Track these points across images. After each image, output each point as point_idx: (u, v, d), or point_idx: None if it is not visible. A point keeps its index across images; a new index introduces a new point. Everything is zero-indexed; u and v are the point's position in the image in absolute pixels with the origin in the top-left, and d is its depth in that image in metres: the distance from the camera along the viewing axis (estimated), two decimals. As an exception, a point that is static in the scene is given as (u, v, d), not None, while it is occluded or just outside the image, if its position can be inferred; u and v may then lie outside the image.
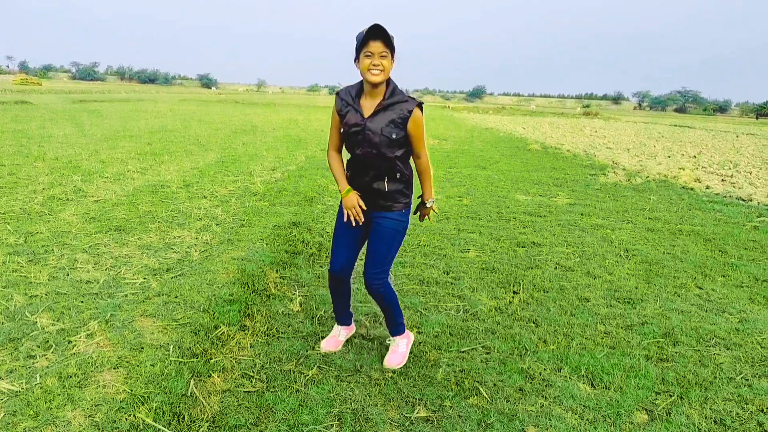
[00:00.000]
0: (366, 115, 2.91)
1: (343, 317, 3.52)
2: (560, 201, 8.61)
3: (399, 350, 3.39)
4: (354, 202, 3.04)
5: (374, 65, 2.78)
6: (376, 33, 2.76)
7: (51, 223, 5.64)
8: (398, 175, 3.02)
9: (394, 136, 2.88)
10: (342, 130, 3.00)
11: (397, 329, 3.40)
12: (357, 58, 2.85)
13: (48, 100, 31.29)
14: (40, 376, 2.89)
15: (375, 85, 2.86)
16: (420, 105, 2.92)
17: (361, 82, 2.95)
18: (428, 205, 3.26)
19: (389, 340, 3.44)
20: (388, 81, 2.91)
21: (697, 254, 5.96)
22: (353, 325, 3.66)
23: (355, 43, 2.84)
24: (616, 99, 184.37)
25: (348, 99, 2.97)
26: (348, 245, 3.22)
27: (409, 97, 2.93)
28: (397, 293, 3.37)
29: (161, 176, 8.62)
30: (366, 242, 3.25)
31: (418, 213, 3.35)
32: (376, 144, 2.89)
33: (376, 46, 2.76)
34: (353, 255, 3.26)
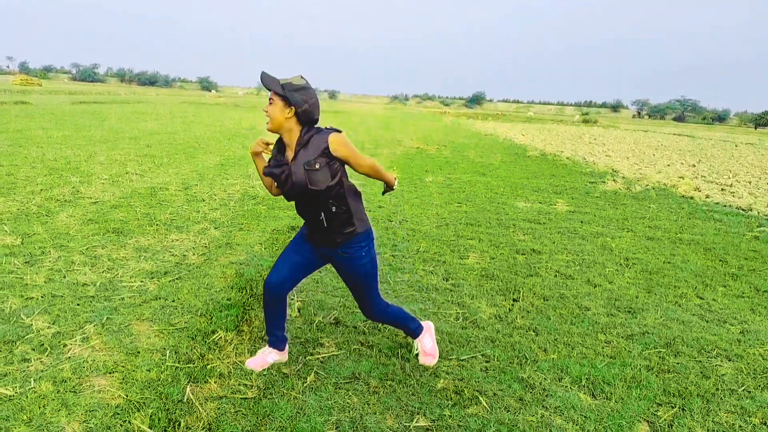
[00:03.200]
0: (289, 159, 2.84)
1: (275, 339, 3.24)
2: (560, 208, 8.59)
3: (426, 349, 3.41)
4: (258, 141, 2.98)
5: (265, 111, 2.79)
6: (262, 81, 2.77)
7: (48, 225, 5.61)
8: (334, 209, 2.87)
9: (317, 166, 2.75)
10: (272, 177, 2.92)
11: (415, 332, 3.41)
12: None
13: (47, 101, 31.25)
14: (34, 381, 2.85)
15: (272, 132, 2.84)
16: (336, 130, 2.83)
17: None
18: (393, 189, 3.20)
19: (417, 340, 3.43)
20: (306, 127, 2.81)
21: (698, 264, 5.93)
22: (285, 352, 3.32)
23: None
24: (615, 107, 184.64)
25: (276, 147, 2.93)
26: (293, 265, 3.10)
27: (325, 128, 2.85)
28: (396, 304, 3.35)
29: (160, 179, 8.59)
30: (309, 273, 3.20)
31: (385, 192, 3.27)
32: (303, 182, 2.79)
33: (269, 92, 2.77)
34: (295, 276, 3.13)
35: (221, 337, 3.47)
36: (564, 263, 5.64)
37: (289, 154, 2.85)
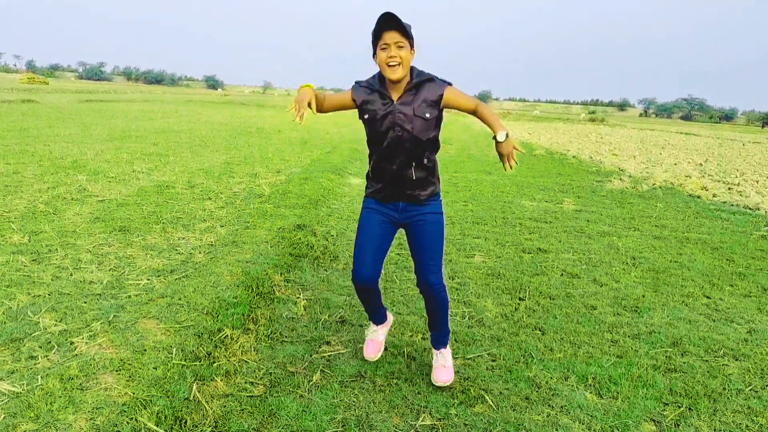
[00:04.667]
0: (395, 99, 2.76)
1: (380, 315, 3.32)
2: (566, 207, 8.57)
3: (449, 364, 3.18)
4: (307, 96, 2.78)
5: (391, 57, 2.63)
6: (390, 22, 2.61)
7: (55, 223, 5.63)
8: (425, 161, 2.83)
9: (427, 116, 2.72)
10: (366, 116, 2.82)
11: (446, 338, 3.23)
12: (374, 53, 2.72)
13: (54, 99, 31.39)
14: (42, 378, 2.86)
15: (395, 81, 2.72)
16: (450, 84, 2.80)
17: (381, 74, 2.79)
18: (500, 139, 2.73)
19: (437, 354, 3.21)
20: (411, 69, 2.77)
21: (705, 263, 5.91)
22: (390, 317, 3.46)
23: (371, 38, 2.70)
24: (622, 106, 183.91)
25: (371, 86, 2.81)
26: (375, 250, 3.01)
27: (436, 78, 2.79)
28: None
29: (166, 177, 8.61)
30: (388, 248, 3.12)
31: (503, 159, 2.82)
32: (409, 127, 2.72)
33: (390, 36, 2.62)
34: (381, 260, 3.05)
35: (228, 335, 3.48)
36: (570, 262, 5.62)
37: (393, 93, 2.78)
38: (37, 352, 3.12)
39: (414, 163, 2.82)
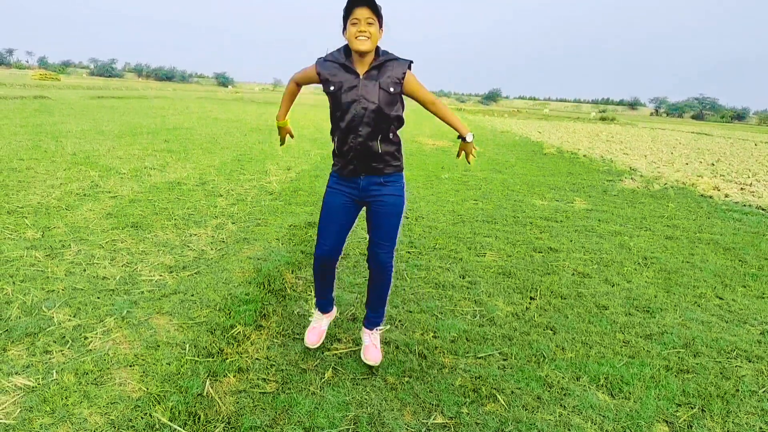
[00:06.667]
0: (360, 74, 2.85)
1: (326, 303, 3.45)
2: (577, 206, 8.53)
3: (378, 344, 3.35)
4: (285, 132, 3.27)
5: (360, 32, 2.74)
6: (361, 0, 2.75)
7: (68, 218, 5.67)
8: (391, 136, 2.95)
9: (392, 90, 2.82)
10: (331, 89, 2.87)
11: (381, 320, 3.40)
12: (344, 28, 2.82)
13: (66, 95, 31.57)
14: (57, 372, 2.89)
15: (362, 54, 2.82)
16: (410, 63, 2.91)
17: (347, 48, 2.89)
18: (469, 140, 3.19)
19: (375, 331, 3.38)
20: (377, 49, 2.88)
21: (717, 263, 5.87)
22: (335, 309, 3.59)
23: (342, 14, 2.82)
24: (633, 104, 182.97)
25: (335, 60, 2.89)
26: (338, 229, 3.13)
27: (400, 58, 2.91)
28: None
29: (177, 174, 8.65)
30: (350, 228, 3.21)
31: (461, 153, 3.31)
32: (374, 99, 2.82)
33: (361, 12, 2.73)
34: (342, 239, 3.17)
35: (240, 332, 3.50)
36: (582, 262, 5.60)
37: (359, 68, 2.87)
38: (51, 346, 3.15)
39: (380, 136, 2.92)
